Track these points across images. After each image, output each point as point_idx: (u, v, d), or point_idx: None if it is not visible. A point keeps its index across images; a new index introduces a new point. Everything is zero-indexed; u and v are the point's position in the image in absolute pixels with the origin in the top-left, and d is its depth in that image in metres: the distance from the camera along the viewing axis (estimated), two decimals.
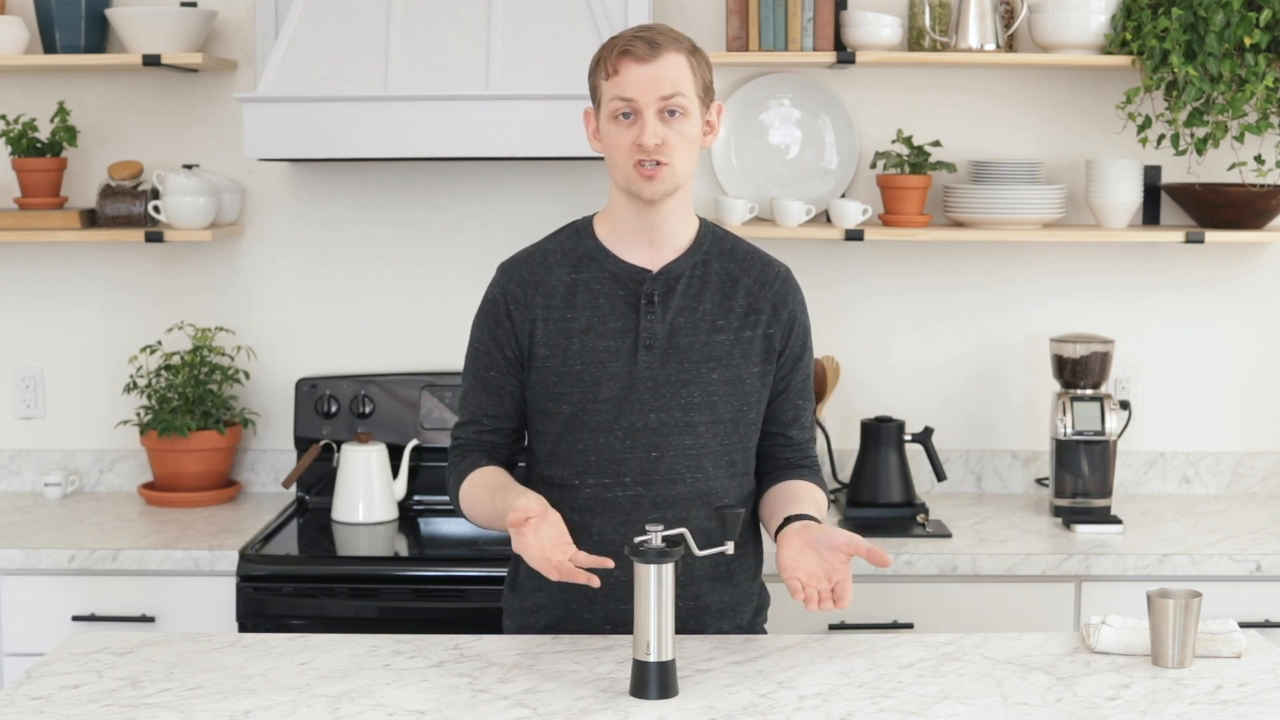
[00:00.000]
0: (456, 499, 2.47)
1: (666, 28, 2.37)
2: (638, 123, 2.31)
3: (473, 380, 2.46)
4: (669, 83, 2.30)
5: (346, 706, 2.09)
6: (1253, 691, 2.16)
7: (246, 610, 3.08)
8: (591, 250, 2.43)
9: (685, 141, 2.33)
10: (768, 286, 2.45)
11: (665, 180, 2.33)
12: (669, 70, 2.30)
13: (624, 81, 2.31)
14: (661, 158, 2.31)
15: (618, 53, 2.31)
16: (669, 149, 2.31)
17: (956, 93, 3.65)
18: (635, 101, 2.30)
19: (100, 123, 3.66)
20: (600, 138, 2.38)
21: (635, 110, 2.31)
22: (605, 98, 2.34)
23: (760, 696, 2.13)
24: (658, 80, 2.30)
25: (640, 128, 2.31)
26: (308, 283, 3.70)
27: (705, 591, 2.43)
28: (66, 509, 3.51)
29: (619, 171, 2.35)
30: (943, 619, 3.11)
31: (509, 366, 2.42)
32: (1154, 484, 3.71)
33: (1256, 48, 3.31)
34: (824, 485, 2.50)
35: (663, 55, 2.31)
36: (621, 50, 2.31)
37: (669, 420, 2.38)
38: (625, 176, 2.35)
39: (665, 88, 2.30)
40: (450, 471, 2.49)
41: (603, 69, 2.34)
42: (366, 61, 3.25)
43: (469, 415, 2.48)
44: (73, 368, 3.72)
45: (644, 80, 2.30)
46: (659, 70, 2.30)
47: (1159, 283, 3.70)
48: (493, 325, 2.42)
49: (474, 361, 2.46)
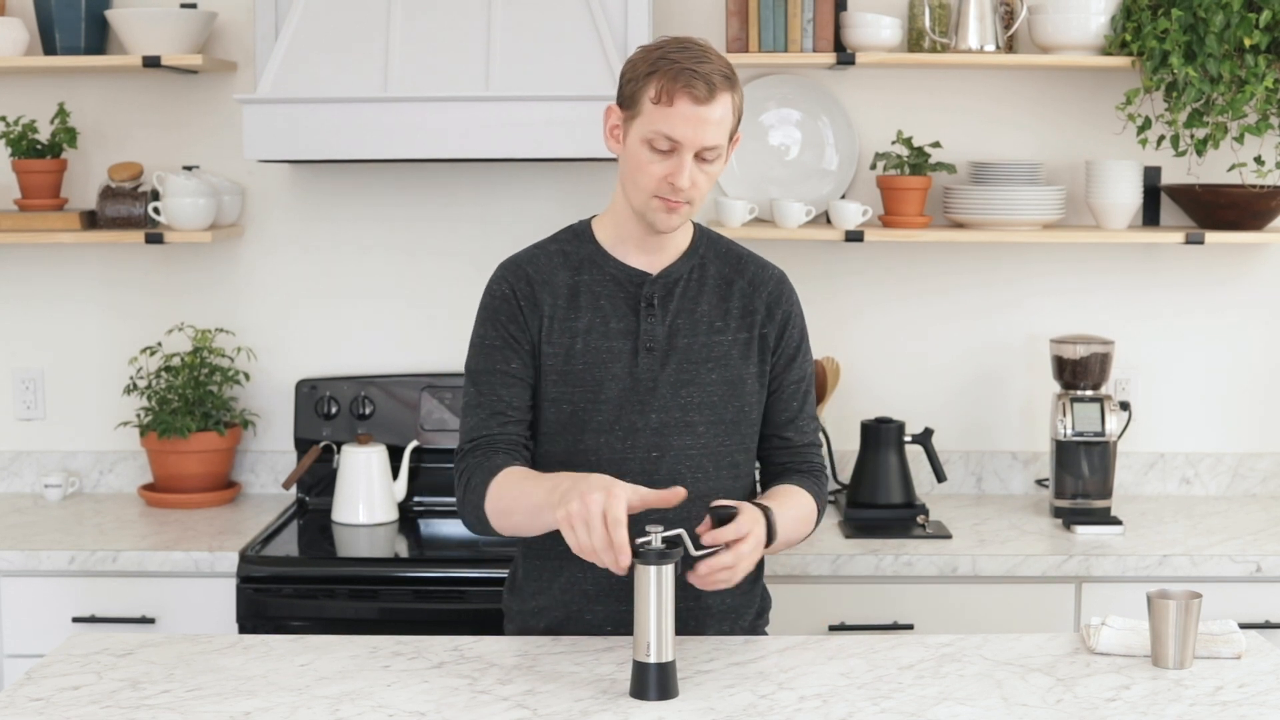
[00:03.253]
0: (480, 495, 2.31)
1: (717, 56, 2.29)
2: (674, 159, 2.28)
3: (490, 375, 2.39)
4: (715, 133, 2.27)
5: (346, 708, 2.09)
6: (1253, 692, 2.16)
7: (246, 611, 3.08)
8: (591, 254, 2.43)
9: (710, 181, 2.32)
10: (762, 288, 2.46)
11: (684, 216, 2.34)
12: (719, 118, 2.27)
13: (674, 119, 2.25)
14: (684, 198, 2.30)
15: (678, 86, 2.24)
16: (697, 190, 2.30)
17: (956, 94, 3.65)
18: (682, 143, 2.27)
19: (100, 124, 3.67)
20: (623, 144, 2.34)
21: (678, 149, 2.28)
22: (647, 122, 2.27)
23: (760, 698, 2.13)
24: (706, 128, 2.26)
25: (677, 167, 2.27)
26: (308, 284, 3.70)
27: (706, 594, 2.43)
28: (66, 510, 3.51)
29: (638, 195, 2.32)
30: (943, 620, 3.11)
31: (528, 358, 2.39)
32: (1154, 485, 3.71)
33: (1256, 49, 3.31)
34: (820, 490, 2.49)
35: (717, 99, 2.26)
36: (683, 87, 2.24)
37: (669, 421, 2.38)
38: (643, 203, 2.32)
39: (710, 137, 2.26)
40: (472, 471, 2.34)
41: (654, 90, 2.26)
42: (366, 63, 3.25)
43: (490, 409, 2.38)
44: (73, 369, 3.72)
45: (695, 124, 2.25)
46: (711, 115, 2.26)
47: (1159, 284, 3.70)
48: (507, 320, 2.40)
49: (489, 358, 2.40)
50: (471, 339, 2.44)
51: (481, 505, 2.32)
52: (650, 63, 2.28)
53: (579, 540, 2.08)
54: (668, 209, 2.31)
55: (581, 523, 2.07)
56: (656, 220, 2.33)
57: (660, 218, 2.32)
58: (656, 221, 2.33)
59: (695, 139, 2.26)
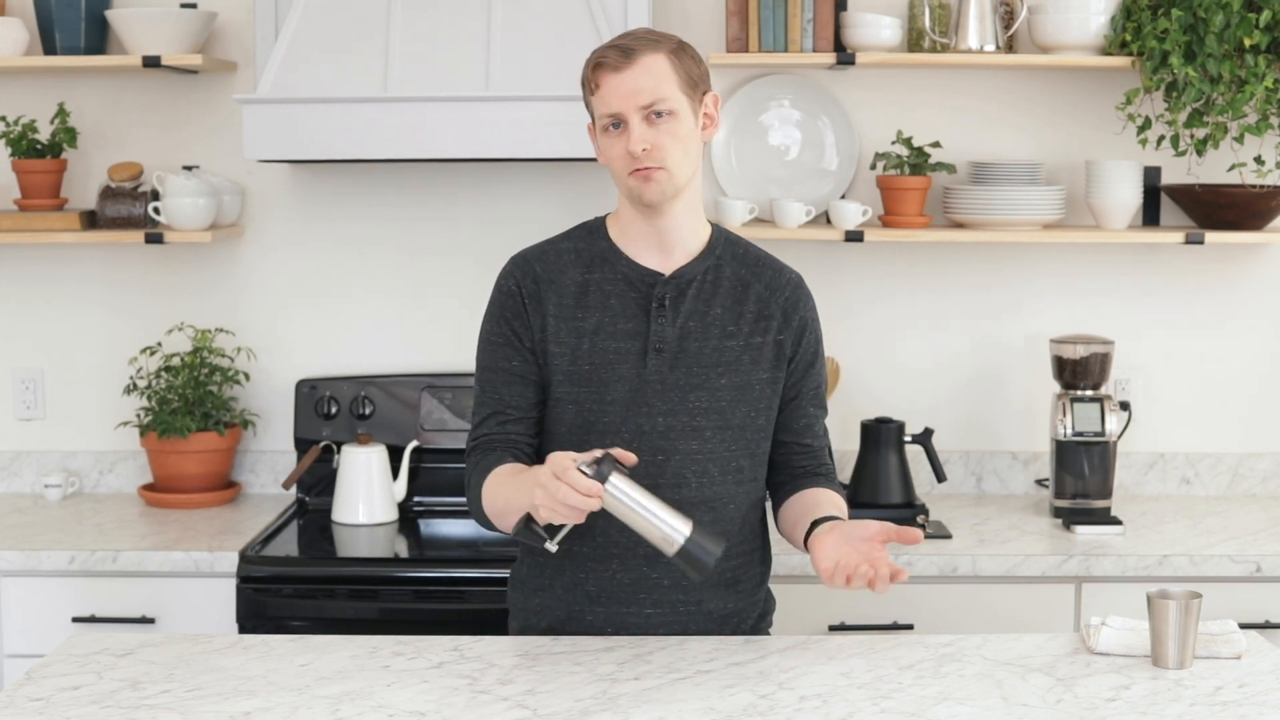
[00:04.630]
0: (478, 495, 2.37)
1: (645, 30, 2.36)
2: (625, 133, 2.31)
3: (491, 374, 2.41)
4: (648, 89, 2.29)
5: (347, 708, 2.09)
6: (1253, 692, 2.16)
7: (246, 611, 3.08)
8: (604, 251, 2.42)
9: (677, 140, 2.32)
10: (779, 293, 2.45)
11: (662, 182, 2.33)
12: (646, 75, 2.29)
13: (604, 94, 2.31)
14: (653, 162, 2.31)
15: (593, 67, 2.32)
16: (660, 151, 2.31)
17: (956, 94, 3.65)
18: (619, 113, 2.30)
19: (100, 124, 3.67)
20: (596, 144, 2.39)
21: (621, 120, 2.31)
22: (594, 113, 2.35)
23: (760, 698, 2.13)
24: (635, 87, 2.29)
25: (628, 136, 2.30)
26: (307, 284, 3.70)
27: (708, 598, 2.42)
28: (66, 510, 3.51)
29: (619, 181, 2.36)
30: (943, 620, 3.11)
31: (530, 355, 2.40)
32: (1154, 485, 3.71)
33: (1256, 49, 3.31)
34: (841, 491, 2.50)
35: (638, 60, 2.30)
36: (596, 64, 2.32)
37: (676, 424, 2.38)
38: (625, 186, 2.35)
39: (644, 95, 2.29)
40: (471, 471, 2.41)
41: (587, 86, 2.35)
42: (366, 62, 3.25)
43: (490, 408, 2.41)
44: (73, 369, 3.72)
45: (622, 90, 2.29)
46: (635, 76, 2.29)
47: (1159, 284, 3.70)
48: (510, 316, 2.41)
49: (491, 355, 2.42)
50: (479, 331, 2.46)
51: (482, 507, 2.37)
52: (583, 69, 2.36)
53: (561, 512, 2.15)
54: (641, 178, 2.32)
55: (551, 501, 2.14)
56: (641, 193, 2.34)
57: (640, 188, 2.33)
58: (641, 194, 2.34)
59: (628, 104, 2.29)
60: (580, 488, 2.12)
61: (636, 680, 2.20)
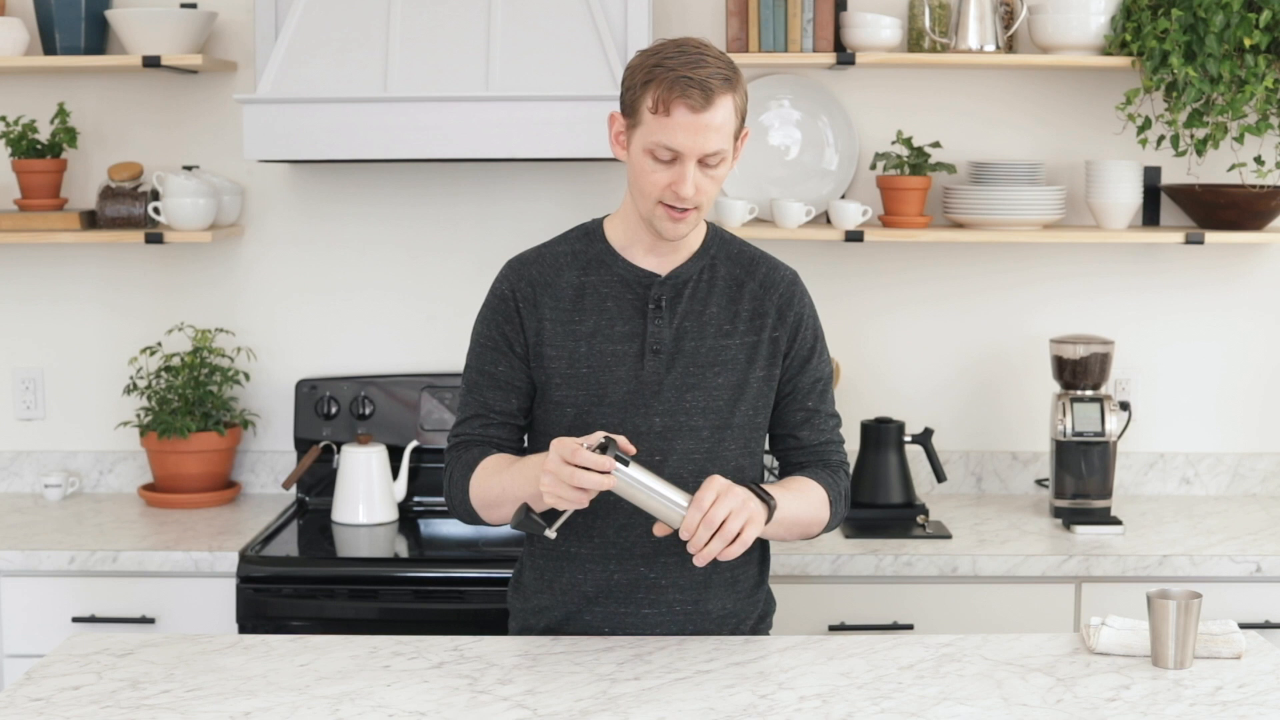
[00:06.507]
0: (464, 489, 2.37)
1: (715, 57, 2.25)
2: (676, 168, 2.25)
3: (478, 376, 2.42)
4: (715, 140, 2.23)
5: (347, 708, 2.09)
6: (1253, 692, 2.16)
7: (246, 611, 3.08)
8: (601, 254, 2.42)
9: (717, 184, 2.30)
10: (773, 290, 2.44)
11: (691, 223, 2.32)
12: (720, 124, 2.23)
13: (672, 129, 2.23)
14: (691, 204, 2.28)
15: (674, 95, 2.21)
16: (702, 195, 2.28)
17: (956, 94, 3.65)
18: (682, 153, 2.24)
19: (100, 124, 3.67)
20: (627, 151, 2.32)
21: (679, 158, 2.25)
22: (647, 132, 2.25)
23: (760, 698, 2.13)
24: (706, 135, 2.23)
25: (679, 176, 2.25)
26: (308, 284, 3.70)
27: (707, 598, 2.43)
28: (66, 510, 3.51)
29: (644, 203, 2.31)
30: (943, 620, 3.11)
31: (518, 362, 2.40)
32: (1154, 485, 3.71)
33: (1256, 49, 3.31)
34: (835, 480, 2.46)
35: (715, 104, 2.22)
36: (678, 96, 2.21)
37: (673, 424, 2.38)
38: (649, 211, 2.31)
39: (711, 144, 2.24)
40: (452, 465, 2.41)
41: (651, 100, 2.23)
42: (366, 62, 3.25)
43: (473, 410, 2.43)
44: (73, 369, 3.72)
45: (694, 132, 2.22)
46: (711, 122, 2.22)
47: (1159, 284, 3.70)
48: (502, 321, 2.41)
49: (480, 357, 2.43)
50: (472, 330, 2.46)
51: (467, 499, 2.39)
52: (646, 70, 2.25)
53: (569, 496, 2.16)
54: (673, 218, 2.29)
55: (558, 485, 2.15)
56: (664, 229, 2.31)
57: (666, 226, 2.31)
58: (664, 230, 2.32)
59: (696, 147, 2.24)
60: (594, 465, 2.13)
61: (636, 680, 2.20)
